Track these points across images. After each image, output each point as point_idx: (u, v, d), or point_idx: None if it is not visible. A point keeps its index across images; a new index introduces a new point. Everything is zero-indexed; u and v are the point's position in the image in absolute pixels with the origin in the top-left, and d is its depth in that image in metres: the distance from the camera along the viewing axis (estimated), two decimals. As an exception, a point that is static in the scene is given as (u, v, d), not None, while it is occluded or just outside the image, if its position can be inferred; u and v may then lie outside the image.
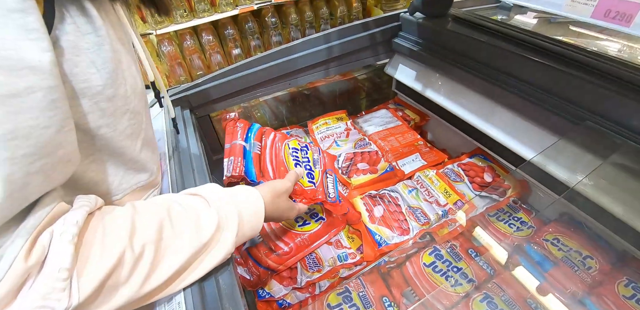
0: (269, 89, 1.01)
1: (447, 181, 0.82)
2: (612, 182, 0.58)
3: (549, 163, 0.65)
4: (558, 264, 0.62)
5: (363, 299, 0.64)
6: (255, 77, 0.93)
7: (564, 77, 0.64)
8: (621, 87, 0.58)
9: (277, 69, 0.95)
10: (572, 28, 1.13)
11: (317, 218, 0.71)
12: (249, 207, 0.46)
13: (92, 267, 0.31)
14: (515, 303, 0.58)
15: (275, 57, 0.95)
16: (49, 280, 0.28)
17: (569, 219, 0.70)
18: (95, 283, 0.31)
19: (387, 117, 1.08)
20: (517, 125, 0.74)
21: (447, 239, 0.72)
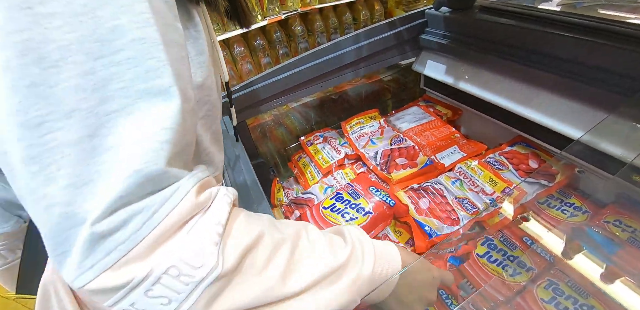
0: (301, 93, 1.03)
1: (491, 170, 0.80)
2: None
3: (599, 141, 0.63)
4: (624, 245, 0.59)
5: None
6: (287, 81, 0.96)
7: (607, 50, 0.63)
8: None
9: (308, 72, 0.97)
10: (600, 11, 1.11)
11: (365, 212, 0.71)
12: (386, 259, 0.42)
13: (235, 239, 0.31)
14: (583, 288, 0.56)
15: (305, 61, 0.97)
16: (209, 227, 0.29)
17: (627, 200, 0.67)
18: (238, 253, 0.30)
19: (419, 113, 1.07)
20: (561, 105, 0.72)
21: (499, 228, 0.70)
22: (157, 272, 0.27)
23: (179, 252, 0.28)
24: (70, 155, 0.25)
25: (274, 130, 1.22)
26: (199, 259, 0.28)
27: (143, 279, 0.27)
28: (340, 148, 0.95)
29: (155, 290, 0.27)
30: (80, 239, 0.25)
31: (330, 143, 0.99)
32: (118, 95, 0.26)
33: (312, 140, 1.02)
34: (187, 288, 0.28)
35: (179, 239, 0.28)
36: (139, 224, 0.27)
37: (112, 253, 0.26)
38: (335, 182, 0.88)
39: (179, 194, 0.29)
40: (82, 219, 0.25)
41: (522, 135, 0.89)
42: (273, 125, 1.21)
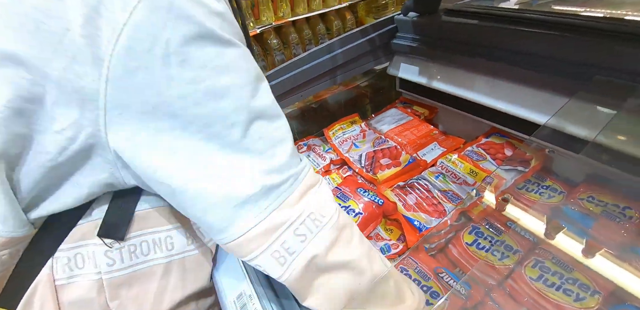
0: (281, 104, 1.06)
1: (470, 162, 0.84)
2: (632, 128, 0.60)
3: (564, 124, 0.67)
4: (599, 219, 0.62)
5: (420, 273, 0.65)
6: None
7: (560, 41, 0.68)
8: (616, 39, 0.62)
9: (286, 84, 1.00)
10: (554, 7, 1.19)
11: (355, 213, 0.74)
12: None
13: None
14: (567, 263, 0.59)
15: (282, 73, 1.00)
16: (327, 190, 0.44)
17: (596, 177, 0.71)
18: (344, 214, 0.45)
19: (398, 114, 1.11)
20: (526, 95, 0.77)
21: (483, 216, 0.74)
22: (304, 215, 0.40)
23: (314, 203, 0.41)
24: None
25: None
26: (325, 209, 0.42)
27: (296, 218, 0.39)
28: (325, 154, 0.98)
29: (300, 228, 0.39)
30: (260, 188, 0.37)
31: (315, 150, 1.01)
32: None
33: (297, 150, 1.05)
34: (317, 229, 0.40)
35: (313, 194, 0.41)
36: (293, 181, 0.39)
37: (279, 197, 0.38)
38: (324, 188, 0.91)
39: (307, 167, 0.43)
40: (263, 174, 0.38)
41: (495, 126, 0.94)
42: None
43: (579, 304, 0.53)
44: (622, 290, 0.53)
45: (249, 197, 0.37)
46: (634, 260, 0.55)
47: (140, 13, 0.31)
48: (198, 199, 0.37)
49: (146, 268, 0.48)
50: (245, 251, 0.38)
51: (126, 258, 0.46)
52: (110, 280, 0.45)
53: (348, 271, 0.42)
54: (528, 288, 0.57)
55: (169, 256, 0.49)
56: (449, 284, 0.63)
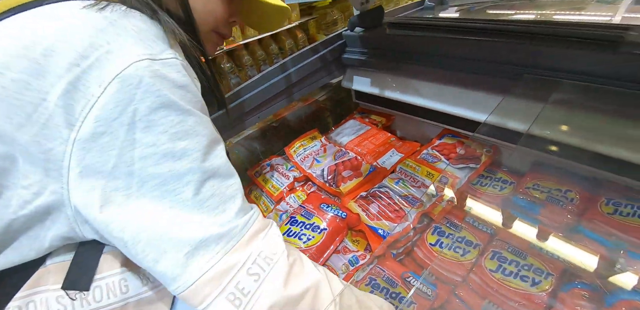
0: (240, 127, 1.07)
1: (427, 164, 0.87)
2: (561, 117, 0.65)
3: (502, 120, 0.72)
4: (545, 205, 0.66)
5: (388, 281, 0.66)
6: (224, 117, 1.00)
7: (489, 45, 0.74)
8: (540, 40, 0.67)
9: (242, 106, 1.02)
10: (488, 11, 1.28)
11: (320, 230, 0.75)
12: None
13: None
14: (521, 251, 0.62)
15: (238, 96, 1.02)
16: (276, 232, 0.47)
17: (539, 165, 0.76)
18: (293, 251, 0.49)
19: (356, 125, 1.15)
20: (468, 96, 0.82)
21: (444, 215, 0.76)
22: (254, 255, 0.42)
23: (263, 244, 0.44)
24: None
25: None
26: (275, 248, 0.45)
27: (247, 259, 0.41)
28: (288, 173, 1.00)
29: (253, 268, 0.41)
30: (210, 235, 0.40)
31: (278, 170, 1.03)
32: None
33: (259, 171, 1.06)
34: (269, 267, 0.42)
35: (262, 237, 0.44)
36: (242, 227, 0.42)
37: (229, 242, 0.41)
38: (288, 207, 0.92)
39: (256, 214, 0.46)
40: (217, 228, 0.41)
41: (447, 127, 0.98)
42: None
43: (535, 289, 0.55)
44: (571, 269, 0.56)
45: (200, 243, 0.39)
46: (579, 239, 0.58)
47: (114, 88, 0.36)
48: (150, 248, 0.38)
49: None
50: (199, 297, 0.39)
51: (77, 305, 0.45)
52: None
53: (310, 295, 0.44)
54: (489, 280, 0.59)
55: (123, 300, 0.49)
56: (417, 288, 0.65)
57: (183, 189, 0.39)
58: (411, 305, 0.60)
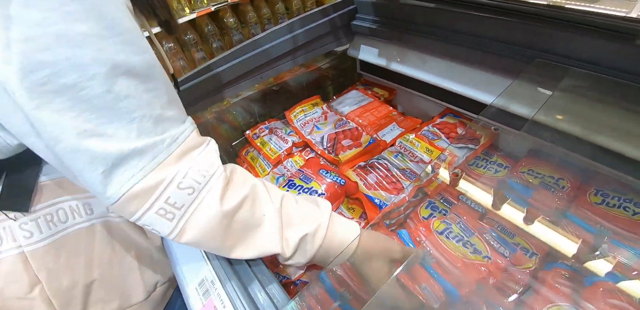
0: (241, 86, 1.05)
1: (427, 141, 0.89)
2: (566, 106, 0.66)
3: (507, 104, 0.73)
4: (537, 189, 0.69)
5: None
6: (224, 75, 0.97)
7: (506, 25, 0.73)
8: (557, 25, 0.67)
9: (245, 65, 0.98)
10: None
11: (318, 195, 0.76)
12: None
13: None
14: (510, 230, 0.65)
15: (241, 53, 0.98)
16: (214, 148, 0.45)
17: (536, 152, 0.78)
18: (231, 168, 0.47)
19: (359, 96, 1.14)
20: (477, 76, 0.82)
21: (438, 191, 0.79)
22: (185, 169, 0.39)
23: (197, 160, 0.41)
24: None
25: (217, 127, 1.22)
26: (210, 164, 0.42)
27: (176, 174, 0.39)
28: (287, 137, 0.99)
29: (185, 182, 0.39)
30: (132, 150, 0.36)
31: (277, 133, 1.02)
32: None
33: (257, 133, 1.05)
34: (204, 179, 0.40)
35: (196, 153, 0.42)
36: (171, 142, 0.39)
37: (155, 158, 0.38)
38: (285, 171, 0.92)
39: (190, 130, 0.42)
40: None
41: (449, 107, 0.99)
42: (216, 123, 1.21)
43: (520, 266, 0.59)
44: (555, 250, 0.60)
45: (119, 160, 0.36)
46: (565, 224, 0.62)
47: None
48: (68, 161, 0.36)
49: (69, 233, 0.49)
50: (128, 211, 0.38)
51: (44, 228, 0.47)
52: (32, 252, 0.46)
53: (248, 202, 0.44)
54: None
55: (89, 220, 0.50)
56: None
57: (88, 84, 0.33)
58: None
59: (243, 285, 0.44)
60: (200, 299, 0.44)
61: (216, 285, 0.44)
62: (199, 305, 0.44)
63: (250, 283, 0.45)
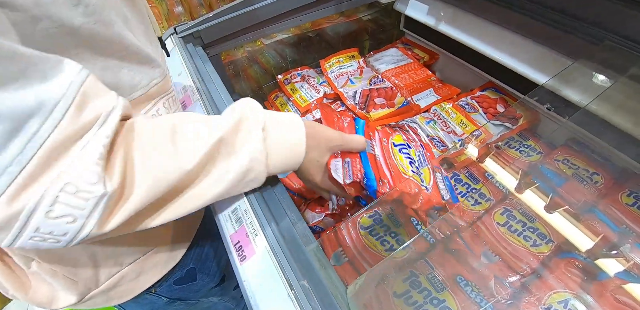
0: (277, 26, 0.98)
1: (463, 112, 0.85)
2: (624, 99, 0.62)
3: (561, 87, 0.69)
4: (569, 179, 0.68)
5: (392, 219, 0.70)
6: (265, 11, 0.91)
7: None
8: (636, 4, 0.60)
9: (285, 4, 0.92)
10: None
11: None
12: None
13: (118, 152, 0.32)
14: (531, 214, 0.65)
15: (284, -10, 0.91)
16: (100, 142, 0.29)
17: (575, 143, 0.76)
18: (122, 164, 0.32)
19: (398, 55, 1.08)
20: (533, 51, 0.76)
21: (464, 165, 0.78)
22: (53, 191, 0.27)
23: (74, 169, 0.27)
24: None
25: (248, 68, 1.17)
26: (95, 174, 0.28)
27: (39, 201, 0.26)
28: (319, 87, 0.95)
29: (56, 210, 0.27)
30: None
31: (309, 82, 0.98)
32: None
33: (289, 79, 1.01)
34: (88, 203, 0.28)
35: (72, 157, 0.28)
36: (21, 146, 0.25)
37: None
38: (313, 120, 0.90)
39: (59, 110, 0.27)
40: None
41: (493, 81, 0.94)
42: (247, 63, 1.16)
43: (534, 249, 0.59)
44: (573, 241, 0.60)
45: None
46: (589, 219, 0.61)
47: None
48: None
49: None
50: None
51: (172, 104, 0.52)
52: None
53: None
54: (494, 231, 0.63)
55: None
56: (417, 231, 0.68)
57: None
58: (407, 248, 0.64)
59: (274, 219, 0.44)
60: (232, 225, 0.44)
61: (249, 214, 0.43)
62: (232, 230, 0.44)
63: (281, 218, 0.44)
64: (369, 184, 0.49)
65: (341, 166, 0.49)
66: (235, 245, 0.41)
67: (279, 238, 0.40)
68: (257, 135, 0.39)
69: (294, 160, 0.44)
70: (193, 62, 0.77)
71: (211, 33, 0.88)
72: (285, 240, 0.40)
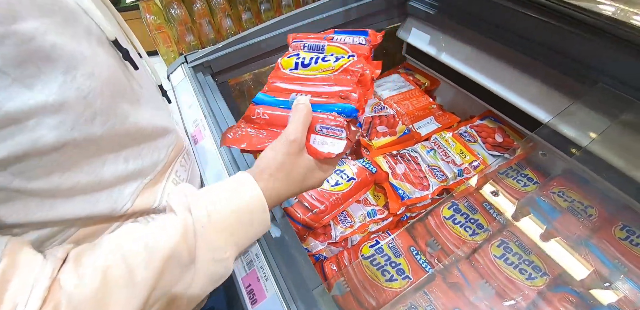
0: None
1: (462, 142, 0.88)
2: (620, 139, 0.65)
3: (562, 125, 0.71)
4: (564, 212, 0.70)
5: (393, 249, 0.72)
6: (273, 41, 0.94)
7: (578, 40, 0.69)
8: (631, 49, 0.63)
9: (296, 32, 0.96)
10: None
11: (349, 178, 0.77)
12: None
13: None
14: (528, 247, 0.67)
15: (293, 21, 0.95)
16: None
17: (571, 175, 0.79)
18: None
19: (400, 81, 1.11)
20: (531, 87, 0.80)
21: (463, 195, 0.80)
22: None
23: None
24: None
25: (252, 89, 1.21)
26: None
27: None
28: (324, 113, 0.98)
29: None
30: None
31: (314, 107, 1.01)
32: None
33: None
34: None
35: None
36: None
37: None
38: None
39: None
40: None
41: (491, 110, 0.97)
42: (252, 84, 1.19)
43: (529, 282, 0.62)
44: (567, 274, 0.62)
45: None
46: (584, 251, 0.64)
47: None
48: None
49: None
50: None
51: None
52: None
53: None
54: (491, 263, 0.66)
55: None
56: (417, 261, 0.70)
57: None
58: (406, 279, 0.66)
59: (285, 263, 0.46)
60: (244, 267, 0.47)
61: (260, 258, 0.46)
62: (243, 272, 0.47)
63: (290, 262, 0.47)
64: (347, 113, 0.41)
65: (321, 137, 0.40)
66: (247, 288, 0.44)
67: (288, 283, 0.43)
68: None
69: (263, 218, 0.38)
70: (203, 93, 0.81)
71: (220, 63, 0.92)
72: (294, 283, 0.43)
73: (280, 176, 0.38)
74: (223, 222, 0.34)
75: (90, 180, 0.34)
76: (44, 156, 0.30)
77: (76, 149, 0.32)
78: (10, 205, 0.30)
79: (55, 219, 0.33)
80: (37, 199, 0.31)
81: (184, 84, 0.87)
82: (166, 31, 1.47)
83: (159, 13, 1.51)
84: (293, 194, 0.40)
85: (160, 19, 1.51)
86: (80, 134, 0.31)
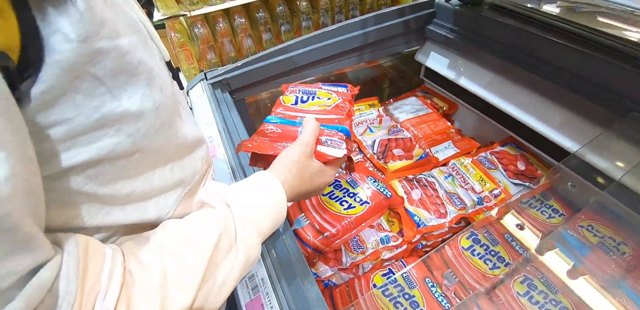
0: (304, 74, 1.02)
1: (482, 169, 0.85)
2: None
3: (592, 155, 0.68)
4: (594, 249, 0.65)
5: (407, 280, 0.68)
6: (291, 62, 0.95)
7: (606, 67, 0.66)
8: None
9: (312, 54, 0.96)
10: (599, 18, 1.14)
11: (362, 202, 0.74)
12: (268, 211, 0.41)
13: None
14: (553, 285, 0.62)
15: (312, 42, 0.96)
16: None
17: (601, 208, 0.74)
18: None
19: (418, 104, 1.10)
20: (556, 114, 0.77)
21: (483, 225, 0.76)
22: None
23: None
24: None
25: (269, 107, 1.21)
26: None
27: None
28: (340, 134, 0.97)
29: None
30: None
31: (330, 128, 1.00)
32: None
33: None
34: None
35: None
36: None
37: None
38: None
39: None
40: None
41: (513, 136, 0.94)
42: (269, 103, 1.20)
43: None
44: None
45: None
46: (618, 294, 0.58)
47: None
48: None
49: None
50: None
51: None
52: None
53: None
54: (513, 301, 0.61)
55: None
56: (432, 293, 0.66)
57: None
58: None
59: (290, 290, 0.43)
60: (249, 292, 0.44)
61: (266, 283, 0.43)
62: (247, 298, 0.43)
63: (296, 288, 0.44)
64: (344, 132, 0.52)
65: (326, 147, 0.48)
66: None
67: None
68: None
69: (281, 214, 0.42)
70: (220, 110, 0.80)
71: (238, 80, 0.92)
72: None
73: (295, 172, 0.44)
74: (253, 213, 0.39)
75: (144, 188, 0.36)
76: (117, 162, 0.32)
77: (142, 157, 0.34)
78: (76, 208, 0.31)
79: (109, 224, 0.34)
80: (98, 204, 0.33)
81: (202, 100, 0.87)
82: (189, 49, 1.51)
83: (183, 31, 1.56)
84: (304, 191, 0.45)
85: (184, 37, 1.55)
86: (149, 143, 0.34)
